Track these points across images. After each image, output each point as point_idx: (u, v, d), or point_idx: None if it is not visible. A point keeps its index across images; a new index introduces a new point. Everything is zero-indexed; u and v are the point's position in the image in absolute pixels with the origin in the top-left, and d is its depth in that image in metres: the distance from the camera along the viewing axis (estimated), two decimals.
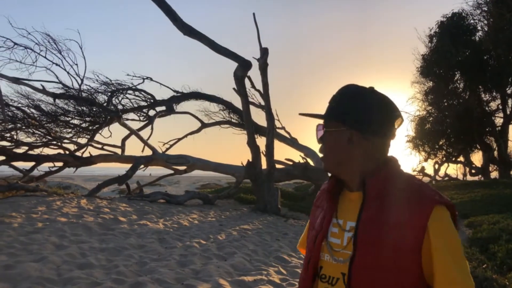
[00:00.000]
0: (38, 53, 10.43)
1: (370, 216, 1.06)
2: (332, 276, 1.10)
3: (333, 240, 1.13)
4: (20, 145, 11.43)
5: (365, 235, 1.05)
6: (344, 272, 1.06)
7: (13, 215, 7.01)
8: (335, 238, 1.13)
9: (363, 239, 1.05)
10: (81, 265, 4.67)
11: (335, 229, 1.14)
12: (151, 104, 14.32)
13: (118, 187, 17.28)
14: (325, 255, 1.14)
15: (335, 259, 1.10)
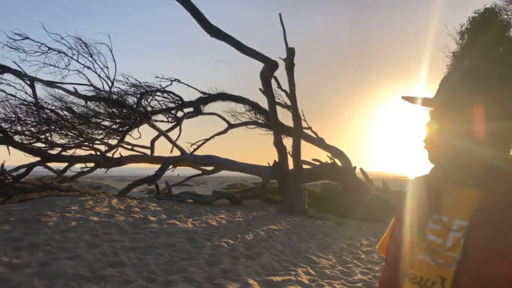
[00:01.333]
0: (71, 57, 10.78)
1: (490, 218, 0.92)
2: (427, 279, 0.97)
3: (432, 238, 1.00)
4: (54, 146, 11.82)
5: (480, 239, 0.91)
6: (444, 277, 0.94)
7: (48, 214, 7.24)
8: (434, 236, 1.00)
9: (477, 243, 0.91)
10: (113, 263, 4.78)
11: (435, 226, 1.01)
12: (179, 106, 14.51)
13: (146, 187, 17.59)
14: (419, 253, 1.01)
15: (433, 260, 0.98)
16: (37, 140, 11.70)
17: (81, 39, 10.86)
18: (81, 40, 10.84)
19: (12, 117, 11.40)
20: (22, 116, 11.49)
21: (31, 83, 9.96)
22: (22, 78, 10.07)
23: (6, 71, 9.92)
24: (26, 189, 10.04)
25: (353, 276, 5.52)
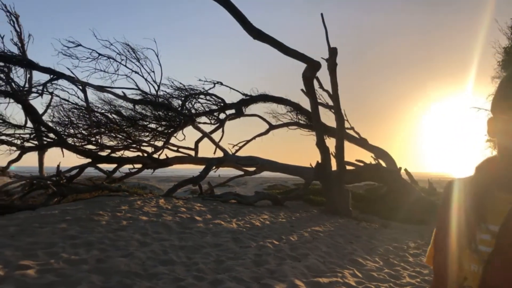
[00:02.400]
0: (119, 62, 11.24)
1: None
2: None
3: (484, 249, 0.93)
4: (104, 148, 12.34)
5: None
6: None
7: (100, 213, 7.58)
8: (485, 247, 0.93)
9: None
10: (163, 262, 4.95)
11: (485, 236, 0.94)
12: (222, 108, 14.73)
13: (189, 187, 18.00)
14: (472, 265, 0.95)
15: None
16: (88, 142, 12.27)
17: (129, 45, 11.32)
18: (128, 46, 11.29)
19: (66, 120, 12.04)
20: (74, 119, 12.10)
21: (83, 88, 10.47)
22: (75, 83, 10.61)
23: (61, 77, 10.48)
24: (79, 189, 10.54)
25: (401, 279, 5.42)
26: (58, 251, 5.06)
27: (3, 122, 11.07)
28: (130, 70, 11.45)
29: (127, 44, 11.31)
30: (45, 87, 10.75)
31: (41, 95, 10.83)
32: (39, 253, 4.94)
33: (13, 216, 7.48)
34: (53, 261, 4.63)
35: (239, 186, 30.89)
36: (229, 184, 23.43)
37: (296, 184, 24.76)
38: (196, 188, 15.31)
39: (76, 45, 10.67)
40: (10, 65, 10.93)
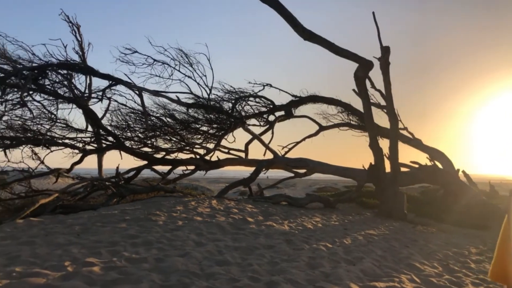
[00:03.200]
0: (174, 68, 11.60)
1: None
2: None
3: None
4: (159, 150, 12.78)
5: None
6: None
7: (157, 213, 7.86)
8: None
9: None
10: (219, 262, 5.04)
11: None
12: (271, 110, 14.79)
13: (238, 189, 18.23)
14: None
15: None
16: (144, 145, 12.76)
17: (182, 50, 11.65)
18: (182, 51, 11.63)
19: (123, 124, 12.59)
20: (131, 123, 12.62)
21: (139, 93, 10.91)
22: (132, 88, 11.08)
23: (119, 83, 10.99)
24: (136, 190, 10.99)
25: (463, 286, 5.19)
26: (120, 250, 5.30)
27: (67, 126, 11.75)
28: (183, 75, 11.81)
29: (180, 49, 11.67)
30: (104, 93, 11.32)
31: (100, 100, 11.42)
32: (103, 251, 5.20)
33: (78, 216, 7.93)
34: (116, 259, 4.85)
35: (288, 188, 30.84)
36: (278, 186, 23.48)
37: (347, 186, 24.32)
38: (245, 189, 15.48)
39: (133, 52, 11.17)
40: (72, 73, 11.61)
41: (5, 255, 5.02)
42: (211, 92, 12.22)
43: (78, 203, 10.07)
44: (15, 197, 10.50)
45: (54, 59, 10.90)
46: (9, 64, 10.71)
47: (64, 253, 5.06)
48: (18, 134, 11.03)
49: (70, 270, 4.37)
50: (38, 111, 11.22)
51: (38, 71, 10.38)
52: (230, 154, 13.97)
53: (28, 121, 11.19)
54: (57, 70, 11.05)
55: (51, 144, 11.00)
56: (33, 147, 11.04)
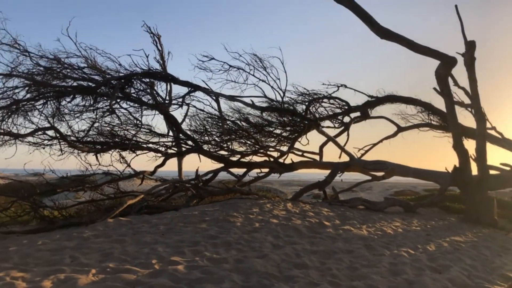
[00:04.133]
0: (248, 73, 11.86)
1: None
2: None
3: None
4: (234, 153, 13.10)
5: None
6: None
7: (235, 215, 8.05)
8: None
9: None
10: (297, 265, 5.04)
11: None
12: (346, 111, 14.48)
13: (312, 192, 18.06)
14: None
15: None
16: (221, 148, 13.15)
17: (256, 55, 11.86)
18: (256, 56, 11.84)
19: (201, 129, 13.10)
20: (208, 127, 13.09)
21: (216, 98, 11.28)
22: (209, 94, 11.49)
23: (197, 89, 11.46)
24: (214, 192, 11.37)
25: None
26: (202, 250, 5.51)
27: (150, 132, 12.48)
28: (257, 79, 12.01)
29: (254, 54, 11.88)
30: (184, 99, 11.87)
31: (181, 106, 11.99)
32: (186, 251, 5.45)
33: (161, 216, 8.38)
34: (198, 258, 5.05)
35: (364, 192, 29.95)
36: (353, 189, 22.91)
37: (427, 189, 23.11)
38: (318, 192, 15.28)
39: (210, 59, 11.60)
40: (154, 81, 12.31)
41: (100, 252, 5.45)
42: (285, 95, 12.29)
43: (162, 203, 10.64)
44: (105, 198, 11.34)
45: (138, 68, 11.66)
46: (99, 75, 11.63)
47: (151, 252, 5.37)
48: (107, 140, 11.93)
49: (157, 268, 4.63)
50: (125, 118, 12.06)
51: (125, 80, 11.16)
52: (304, 157, 13.91)
53: (116, 127, 12.06)
54: (141, 79, 11.79)
55: (136, 148, 11.75)
56: (120, 151, 11.88)
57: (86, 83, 11.40)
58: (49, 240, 6.46)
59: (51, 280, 4.18)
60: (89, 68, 11.70)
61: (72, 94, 11.15)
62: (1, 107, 10.80)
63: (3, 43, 10.93)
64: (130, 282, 4.11)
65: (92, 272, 4.45)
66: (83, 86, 11.25)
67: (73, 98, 11.36)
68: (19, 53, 11.20)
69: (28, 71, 11.41)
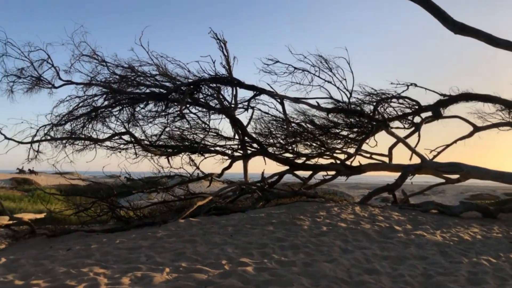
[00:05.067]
0: (313, 74, 11.76)
1: None
2: None
3: None
4: (299, 156, 13.07)
5: None
6: None
7: (301, 218, 8.02)
8: None
9: None
10: (368, 270, 4.90)
11: None
12: (416, 111, 13.86)
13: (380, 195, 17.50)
14: None
15: None
16: (286, 151, 13.18)
17: (322, 56, 11.73)
18: (321, 57, 11.71)
19: (266, 131, 13.22)
20: (273, 130, 13.18)
21: (281, 101, 11.33)
22: (274, 97, 11.57)
23: (262, 92, 11.59)
24: (280, 195, 11.41)
25: None
26: (269, 252, 5.55)
27: (217, 135, 12.82)
28: (323, 80, 11.87)
29: (320, 55, 11.76)
30: (249, 103, 12.07)
31: (246, 109, 12.21)
32: (254, 252, 5.52)
33: (229, 217, 8.56)
34: (266, 260, 5.09)
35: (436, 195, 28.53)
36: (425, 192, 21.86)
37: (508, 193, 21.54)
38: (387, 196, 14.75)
39: (274, 62, 11.67)
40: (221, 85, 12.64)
41: (172, 251, 5.68)
42: (351, 95, 12.02)
43: (229, 205, 10.88)
44: (176, 199, 11.82)
45: (206, 74, 12.03)
46: (170, 81, 12.17)
47: (220, 252, 5.51)
48: (177, 143, 12.44)
49: (227, 269, 4.73)
50: (194, 122, 12.52)
51: (193, 86, 11.57)
52: (372, 159, 13.53)
53: (186, 131, 12.55)
54: (208, 84, 12.15)
55: (204, 151, 12.14)
56: (190, 154, 12.33)
57: (158, 90, 11.98)
58: (126, 239, 6.86)
59: (129, 277, 4.43)
60: (160, 75, 12.29)
61: (146, 100, 11.78)
62: (82, 114, 11.68)
63: (83, 55, 11.83)
64: (202, 282, 4.24)
65: (166, 270, 4.65)
66: (155, 92, 11.83)
67: (146, 104, 12.01)
68: (97, 63, 12.06)
69: (106, 79, 12.24)
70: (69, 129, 11.85)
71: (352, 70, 11.66)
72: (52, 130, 11.64)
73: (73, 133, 11.77)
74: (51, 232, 10.83)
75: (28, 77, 11.85)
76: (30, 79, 11.89)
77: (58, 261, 5.56)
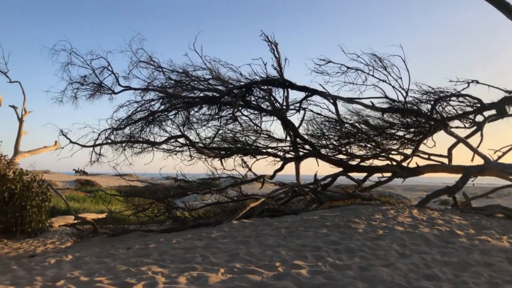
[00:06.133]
0: (367, 73, 11.49)
1: None
2: None
3: None
4: (353, 157, 12.80)
5: None
6: None
7: (356, 221, 7.85)
8: None
9: None
10: (427, 276, 4.70)
11: None
12: (478, 109, 13.13)
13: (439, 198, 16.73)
14: None
15: None
16: (339, 152, 12.96)
17: (375, 55, 11.42)
18: (375, 56, 11.41)
19: (318, 133, 13.08)
20: (326, 131, 13.01)
21: (334, 101, 11.16)
22: (326, 97, 11.42)
23: (314, 93, 11.49)
24: (334, 197, 11.24)
25: None
26: (324, 255, 5.48)
27: (269, 137, 12.88)
28: (377, 80, 11.57)
29: (373, 54, 11.46)
30: (301, 104, 12.00)
31: (298, 111, 12.15)
32: (308, 255, 5.47)
33: (282, 219, 8.55)
34: (321, 263, 5.03)
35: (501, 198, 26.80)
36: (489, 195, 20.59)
37: None
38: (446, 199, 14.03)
39: (327, 62, 11.52)
40: (272, 87, 12.68)
41: (227, 252, 5.77)
42: (408, 94, 11.60)
43: (281, 207, 10.87)
44: (229, 201, 12.00)
45: (257, 76, 12.12)
46: (223, 85, 12.39)
47: (274, 254, 5.51)
48: (230, 145, 12.63)
49: (280, 271, 4.73)
50: (246, 124, 12.65)
51: (245, 89, 11.70)
52: (430, 160, 12.96)
53: (238, 133, 12.71)
54: (260, 86, 12.23)
55: (256, 153, 12.23)
56: (242, 156, 12.47)
57: (211, 94, 12.24)
58: (182, 239, 7.05)
59: (185, 277, 4.55)
60: (213, 79, 12.55)
61: (199, 104, 12.08)
62: (140, 118, 12.18)
63: (141, 61, 12.33)
64: (256, 283, 4.26)
65: (221, 271, 4.73)
66: (209, 96, 12.09)
67: (200, 108, 12.32)
68: (153, 69, 12.54)
69: (162, 84, 12.69)
70: (128, 133, 12.41)
71: (408, 68, 11.27)
72: (112, 134, 12.24)
73: (132, 136, 12.31)
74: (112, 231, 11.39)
75: (90, 84, 12.57)
76: (92, 86, 12.60)
77: (119, 259, 5.83)
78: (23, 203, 12.62)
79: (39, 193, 13.32)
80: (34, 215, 12.71)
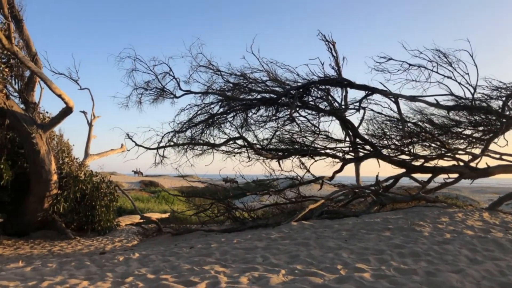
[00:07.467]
0: (431, 70, 10.95)
1: None
2: None
3: None
4: (417, 158, 12.27)
5: None
6: None
7: (421, 224, 7.53)
8: None
9: None
10: (503, 284, 4.39)
11: None
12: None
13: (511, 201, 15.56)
14: None
15: None
16: (402, 153, 12.48)
17: (440, 50, 10.86)
18: (439, 51, 10.85)
19: (379, 132, 12.68)
20: (387, 131, 12.58)
21: (395, 100, 10.76)
22: (388, 96, 11.04)
23: (374, 92, 11.16)
24: (396, 199, 10.86)
25: None
26: (387, 259, 5.31)
27: (327, 138, 12.69)
28: (442, 76, 10.98)
29: (437, 50, 10.89)
30: (360, 103, 11.69)
31: (357, 110, 11.84)
32: (371, 258, 5.32)
33: (342, 221, 8.40)
34: (384, 267, 4.87)
35: None
36: None
37: None
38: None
39: (387, 59, 11.12)
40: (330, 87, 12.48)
41: (287, 254, 5.76)
42: (476, 90, 10.91)
43: (341, 209, 10.67)
44: (288, 202, 11.98)
45: (315, 76, 11.99)
46: (280, 86, 12.40)
47: (335, 257, 5.43)
48: (288, 146, 12.61)
49: (342, 274, 4.64)
50: (303, 125, 12.56)
51: (302, 90, 11.62)
52: (502, 160, 12.12)
53: (295, 134, 12.65)
54: (318, 86, 12.10)
55: (315, 154, 12.09)
56: (300, 157, 12.40)
57: (268, 95, 12.29)
58: (243, 239, 7.15)
59: (247, 277, 4.60)
60: (270, 81, 12.60)
61: (257, 106, 12.18)
62: (201, 121, 12.51)
63: (200, 65, 12.67)
64: (317, 286, 4.22)
65: (282, 272, 4.73)
66: (266, 98, 12.15)
67: (258, 110, 12.41)
68: (212, 72, 12.83)
69: (220, 88, 12.95)
70: (189, 135, 12.79)
71: (476, 63, 10.61)
72: (174, 136, 12.68)
73: (193, 138, 12.67)
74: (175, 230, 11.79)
75: (154, 88, 13.09)
76: (155, 91, 13.12)
77: (182, 258, 6.02)
78: (93, 203, 13.45)
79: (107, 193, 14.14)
80: (103, 214, 13.50)
